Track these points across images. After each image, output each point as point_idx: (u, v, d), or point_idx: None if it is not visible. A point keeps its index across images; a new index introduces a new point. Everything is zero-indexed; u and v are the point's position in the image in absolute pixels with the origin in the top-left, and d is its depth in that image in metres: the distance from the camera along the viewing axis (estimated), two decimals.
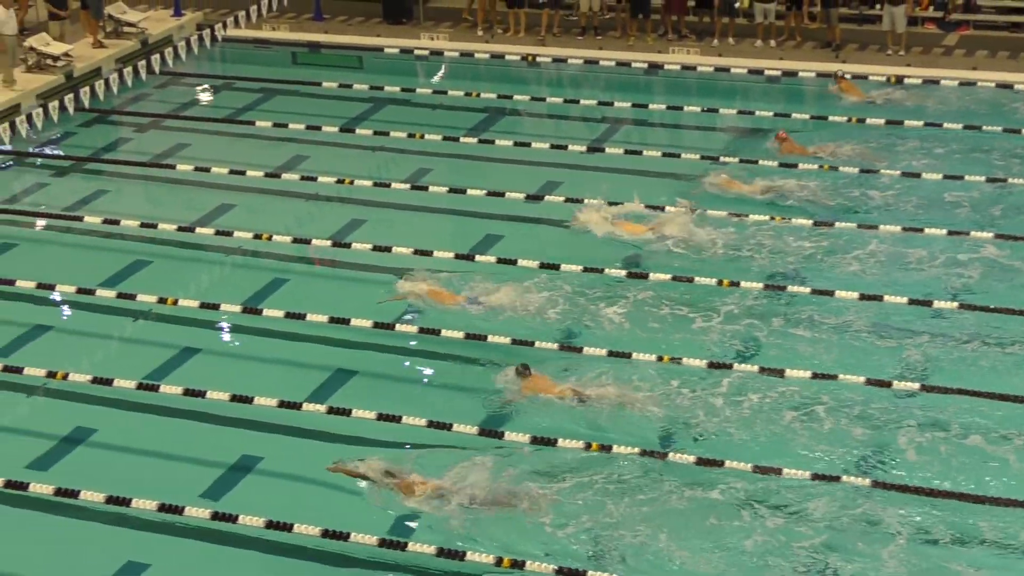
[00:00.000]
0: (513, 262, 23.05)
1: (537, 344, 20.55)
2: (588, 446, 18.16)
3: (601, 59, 33.11)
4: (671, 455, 18.00)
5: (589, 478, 17.61)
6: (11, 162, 29.16)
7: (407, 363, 20.92)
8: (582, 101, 30.81)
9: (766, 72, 31.82)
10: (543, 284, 22.26)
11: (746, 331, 21.02)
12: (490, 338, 20.75)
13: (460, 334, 20.95)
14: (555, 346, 20.56)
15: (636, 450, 18.04)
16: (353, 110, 30.95)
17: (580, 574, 15.95)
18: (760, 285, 22.10)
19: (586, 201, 24.84)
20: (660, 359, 20.02)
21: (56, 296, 23.06)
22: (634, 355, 20.09)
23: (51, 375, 20.47)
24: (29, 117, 27.55)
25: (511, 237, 24.45)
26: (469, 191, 25.98)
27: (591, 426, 18.76)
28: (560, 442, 18.24)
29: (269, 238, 24.44)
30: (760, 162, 26.72)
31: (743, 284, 22.04)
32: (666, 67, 32.60)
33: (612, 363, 19.97)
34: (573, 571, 16.02)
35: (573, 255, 23.14)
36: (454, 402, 19.64)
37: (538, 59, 33.34)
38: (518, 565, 16.12)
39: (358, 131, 29.48)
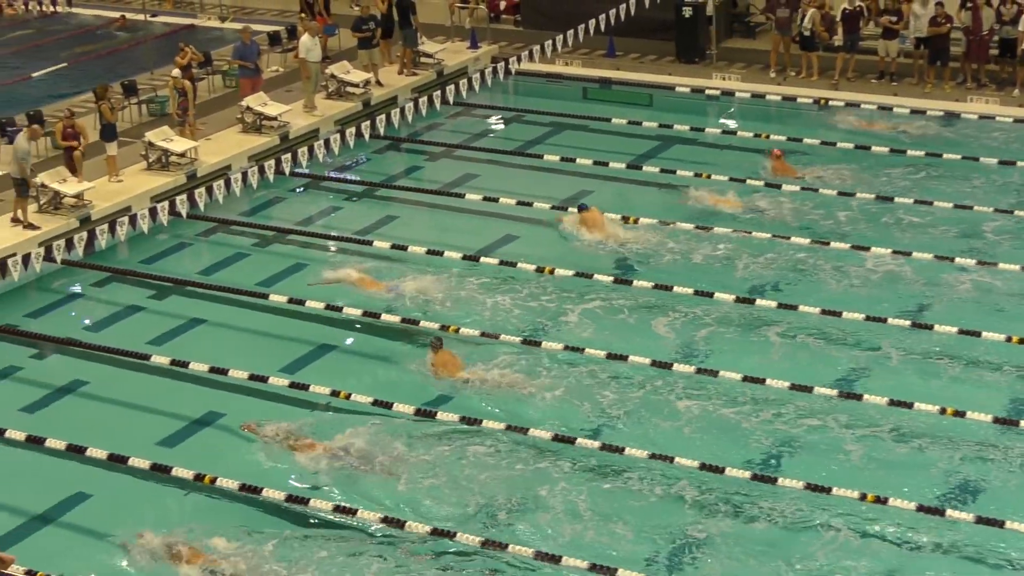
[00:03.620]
0: (794, 307, 22.82)
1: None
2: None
3: (895, 106, 32.41)
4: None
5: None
6: (307, 185, 30.14)
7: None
8: (874, 148, 30.18)
9: None
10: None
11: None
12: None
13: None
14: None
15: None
16: (641, 147, 31.04)
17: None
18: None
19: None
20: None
21: (343, 318, 23.65)
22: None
23: (335, 394, 21.03)
24: (326, 142, 28.29)
25: (792, 281, 24.20)
26: (754, 233, 25.76)
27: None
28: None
29: (551, 271, 24.64)
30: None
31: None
32: (963, 116, 31.77)
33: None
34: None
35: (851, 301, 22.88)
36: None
37: (830, 103, 32.86)
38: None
39: (645, 168, 29.52)
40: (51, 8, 43.92)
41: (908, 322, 22.30)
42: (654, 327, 22.87)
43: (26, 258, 23.76)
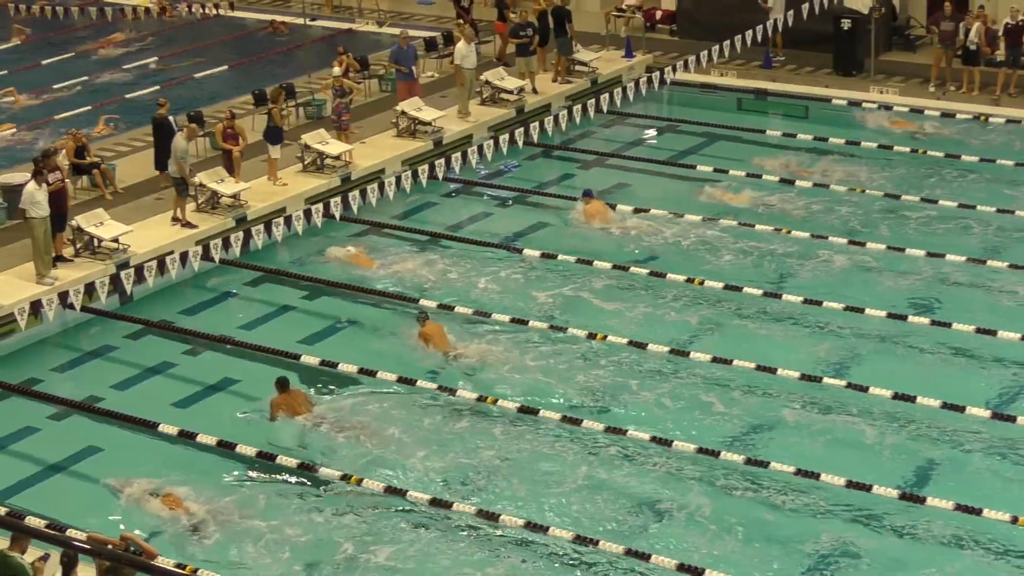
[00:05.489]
0: (948, 325, 22.45)
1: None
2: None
3: None
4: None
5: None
6: (460, 190, 30.31)
7: None
8: None
9: None
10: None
11: None
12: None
13: None
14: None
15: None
16: (795, 160, 30.74)
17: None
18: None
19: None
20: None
21: (490, 324, 23.70)
22: None
23: (481, 399, 21.15)
24: (480, 148, 28.49)
25: (946, 301, 23.86)
26: (908, 250, 25.41)
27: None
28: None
29: (701, 283, 24.54)
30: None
31: None
32: None
33: None
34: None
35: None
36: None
37: (991, 119, 32.26)
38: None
39: (798, 183, 29.21)
40: (214, 11, 44.71)
41: None
42: (801, 341, 22.73)
43: (184, 256, 24.25)
